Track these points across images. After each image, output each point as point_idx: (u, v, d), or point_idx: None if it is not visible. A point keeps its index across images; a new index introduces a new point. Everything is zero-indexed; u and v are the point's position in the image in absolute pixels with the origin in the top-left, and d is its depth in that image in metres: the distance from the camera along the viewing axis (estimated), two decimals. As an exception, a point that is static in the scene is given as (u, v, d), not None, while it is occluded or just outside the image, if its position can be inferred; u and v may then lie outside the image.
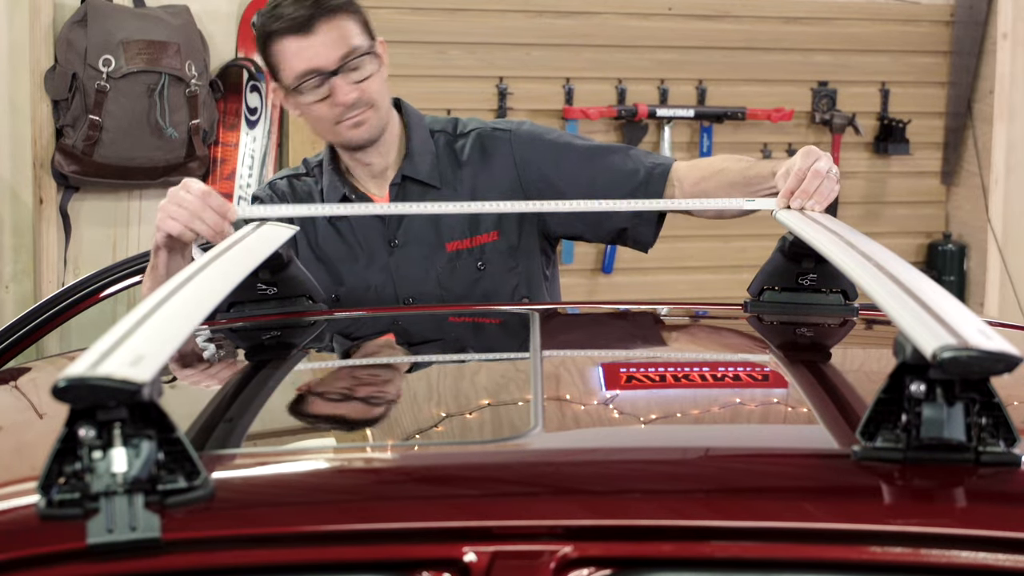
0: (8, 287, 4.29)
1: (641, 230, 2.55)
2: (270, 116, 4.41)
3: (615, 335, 2.21)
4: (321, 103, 2.45)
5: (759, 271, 2.10)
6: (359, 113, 2.46)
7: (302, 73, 2.43)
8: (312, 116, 2.49)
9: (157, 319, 1.38)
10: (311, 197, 2.58)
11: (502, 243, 2.53)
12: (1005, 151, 4.84)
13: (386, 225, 2.54)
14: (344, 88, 2.44)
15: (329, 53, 2.43)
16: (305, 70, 2.43)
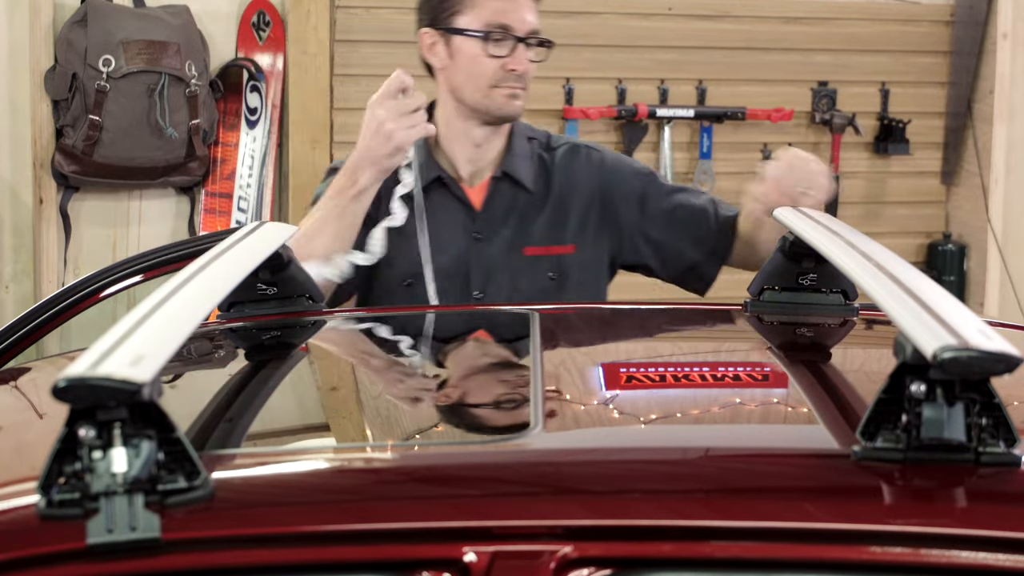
0: (8, 287, 4.29)
1: (708, 268, 2.63)
2: (270, 116, 4.41)
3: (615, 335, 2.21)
4: (491, 59, 2.50)
5: (759, 271, 2.10)
6: (519, 87, 2.52)
7: (496, 24, 2.50)
8: (473, 69, 2.52)
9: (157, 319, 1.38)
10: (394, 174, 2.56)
11: (576, 258, 2.57)
12: (1005, 151, 4.84)
13: (472, 218, 2.56)
14: (522, 57, 2.51)
15: (526, 20, 2.52)
16: (500, 23, 2.50)
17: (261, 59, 4.40)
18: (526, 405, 1.58)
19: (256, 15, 4.40)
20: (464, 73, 2.54)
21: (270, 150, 4.42)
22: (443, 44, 2.56)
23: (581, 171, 2.61)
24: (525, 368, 1.79)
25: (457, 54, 2.54)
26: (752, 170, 4.87)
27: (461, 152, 2.59)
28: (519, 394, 1.70)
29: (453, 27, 2.54)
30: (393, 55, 4.50)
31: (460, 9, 2.53)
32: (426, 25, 2.59)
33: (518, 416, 1.59)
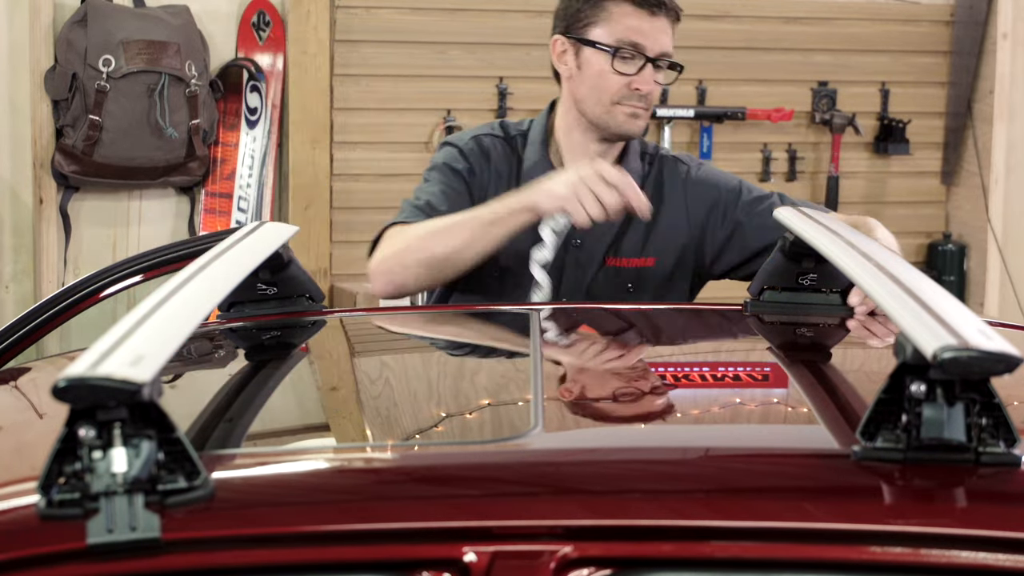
0: (8, 287, 4.29)
1: None
2: (270, 116, 4.41)
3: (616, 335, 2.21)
4: (618, 76, 2.48)
5: (760, 271, 2.10)
6: (641, 107, 2.51)
7: (628, 42, 2.48)
8: (598, 83, 2.50)
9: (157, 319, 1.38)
10: (507, 164, 2.58)
11: (656, 271, 2.56)
12: (1005, 151, 4.84)
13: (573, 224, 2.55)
14: (648, 78, 2.49)
15: (659, 41, 2.49)
16: (632, 41, 2.48)
17: (261, 59, 4.40)
18: (526, 405, 1.58)
19: (256, 15, 4.40)
20: (589, 85, 2.52)
21: (270, 150, 4.42)
22: (573, 53, 2.54)
23: (667, 184, 2.59)
24: (525, 368, 1.79)
25: (585, 65, 2.52)
26: (753, 170, 4.89)
27: (576, 161, 2.56)
28: (519, 394, 1.70)
29: (585, 38, 2.51)
30: (393, 55, 4.51)
31: (595, 21, 2.50)
32: (560, 32, 2.55)
33: (518, 416, 1.59)
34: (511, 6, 4.55)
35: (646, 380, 1.80)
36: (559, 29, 2.56)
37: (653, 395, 1.71)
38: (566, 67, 2.56)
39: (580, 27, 2.52)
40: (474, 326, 2.31)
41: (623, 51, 2.48)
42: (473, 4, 4.54)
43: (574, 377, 1.82)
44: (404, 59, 4.52)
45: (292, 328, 2.09)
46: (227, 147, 4.42)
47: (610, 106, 2.51)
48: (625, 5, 2.49)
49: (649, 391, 1.73)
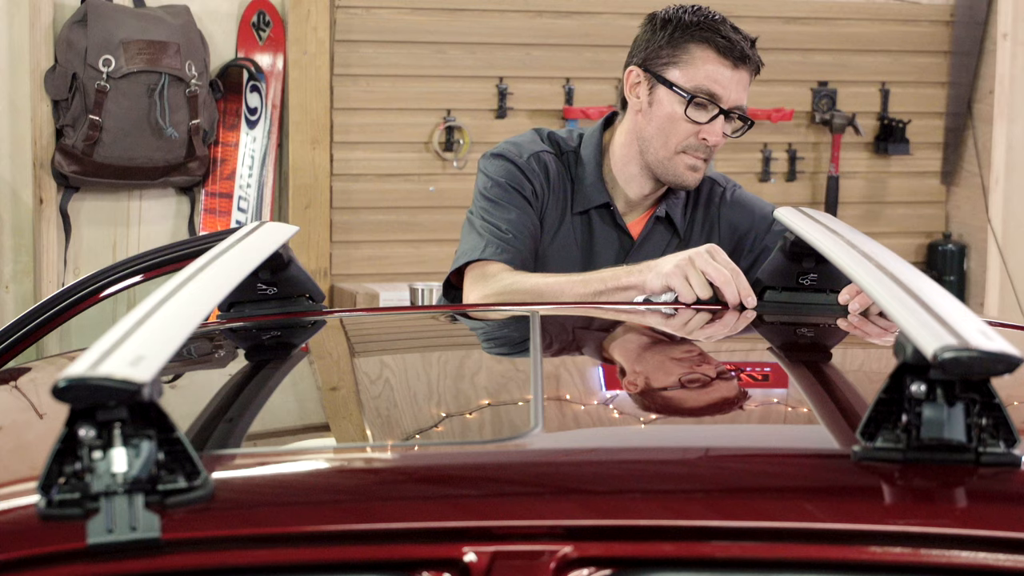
0: (8, 287, 4.29)
1: None
2: (270, 116, 4.41)
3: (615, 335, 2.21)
4: (687, 123, 2.46)
5: (760, 270, 2.10)
6: (703, 158, 2.49)
7: (707, 91, 2.45)
8: (667, 126, 2.47)
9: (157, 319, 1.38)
10: (562, 183, 2.56)
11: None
12: (1005, 151, 4.84)
13: (627, 250, 2.55)
14: (718, 129, 2.47)
15: (735, 95, 2.47)
16: (711, 91, 2.45)
17: (261, 59, 4.40)
18: (526, 405, 1.58)
19: (256, 15, 4.40)
20: (657, 125, 2.49)
21: (270, 150, 4.42)
22: (647, 88, 2.51)
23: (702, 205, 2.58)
24: (525, 368, 1.79)
25: (656, 104, 2.49)
26: (753, 170, 4.89)
27: (627, 191, 2.57)
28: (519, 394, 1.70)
29: (662, 76, 2.48)
30: (393, 55, 4.51)
31: (676, 62, 2.47)
32: (637, 64, 2.52)
33: (518, 416, 1.59)
34: (511, 6, 4.55)
35: (646, 380, 1.80)
36: (637, 60, 2.52)
37: (653, 395, 1.71)
38: (637, 100, 2.52)
39: (661, 64, 2.48)
40: (474, 326, 2.31)
41: (699, 99, 2.45)
42: (473, 4, 4.54)
43: (574, 377, 1.82)
44: (404, 59, 4.52)
45: (292, 328, 2.09)
46: (227, 147, 4.42)
47: (674, 154, 2.48)
48: (709, 51, 2.45)
49: (649, 391, 1.73)
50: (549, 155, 2.58)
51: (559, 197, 2.55)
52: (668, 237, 2.57)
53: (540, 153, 2.57)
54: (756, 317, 2.08)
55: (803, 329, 2.07)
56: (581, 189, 2.55)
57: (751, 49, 2.49)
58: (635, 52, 2.54)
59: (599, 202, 2.54)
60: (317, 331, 2.12)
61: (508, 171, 2.54)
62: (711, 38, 2.46)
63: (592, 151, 2.58)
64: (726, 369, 1.89)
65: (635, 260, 2.52)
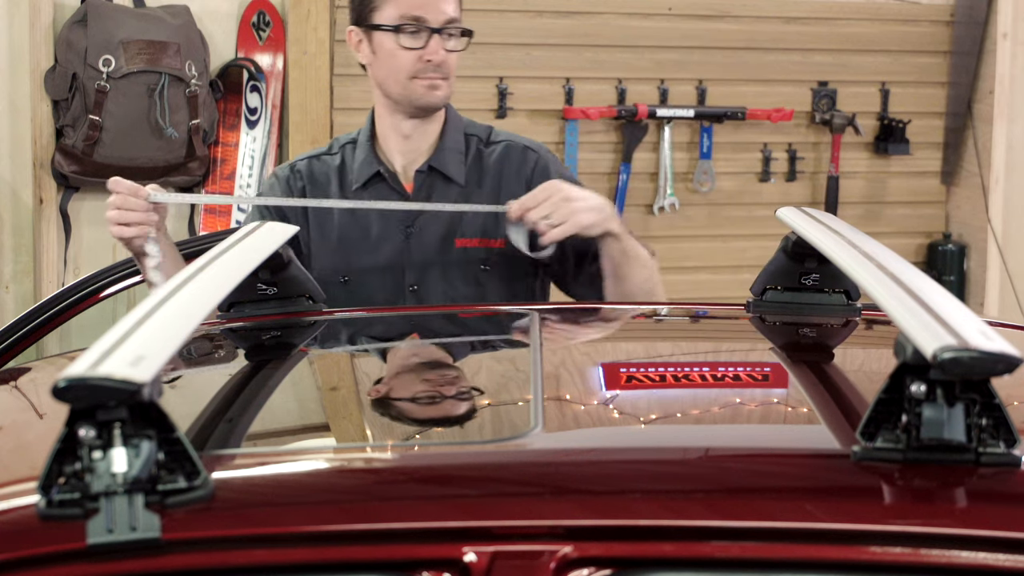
0: (8, 287, 4.29)
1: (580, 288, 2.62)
2: (270, 116, 4.41)
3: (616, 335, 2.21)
4: (408, 52, 2.55)
5: (762, 271, 2.10)
6: (438, 78, 2.58)
7: (410, 17, 2.55)
8: (391, 63, 2.57)
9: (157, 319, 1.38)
10: (326, 177, 2.65)
11: (506, 252, 2.57)
12: (1005, 151, 4.84)
13: (407, 212, 2.59)
14: (438, 48, 2.56)
15: (443, 10, 2.57)
16: (414, 16, 2.55)
17: (261, 59, 4.40)
18: (526, 405, 1.58)
19: (256, 15, 4.40)
20: (385, 67, 2.59)
21: (270, 150, 4.42)
22: (366, 41, 2.61)
23: (512, 168, 2.63)
24: (525, 368, 1.79)
25: (378, 49, 2.59)
26: (753, 170, 4.89)
27: (393, 145, 2.65)
28: (519, 394, 1.70)
29: (372, 23, 2.58)
30: (393, 55, 4.51)
31: (379, 5, 2.57)
32: (352, 23, 2.64)
33: (518, 416, 1.59)
34: (511, 6, 4.55)
35: (647, 380, 1.80)
36: (352, 20, 2.63)
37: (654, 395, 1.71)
38: (363, 55, 2.63)
39: (367, 13, 2.59)
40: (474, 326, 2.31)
41: (407, 27, 2.54)
42: (473, 4, 4.51)
43: (574, 377, 1.82)
44: (404, 59, 4.51)
45: (292, 328, 2.09)
46: (227, 147, 4.42)
47: (407, 81, 2.57)
48: None
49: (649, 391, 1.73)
50: (307, 160, 2.69)
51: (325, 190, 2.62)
52: (444, 187, 2.60)
53: (297, 162, 2.70)
54: (758, 317, 2.08)
55: (804, 329, 2.07)
56: (357, 168, 2.63)
57: None
58: (350, 16, 2.65)
59: (370, 174, 2.62)
60: (317, 331, 2.12)
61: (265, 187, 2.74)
62: None
63: (365, 134, 2.68)
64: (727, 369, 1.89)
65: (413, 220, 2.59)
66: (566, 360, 1.91)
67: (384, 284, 2.58)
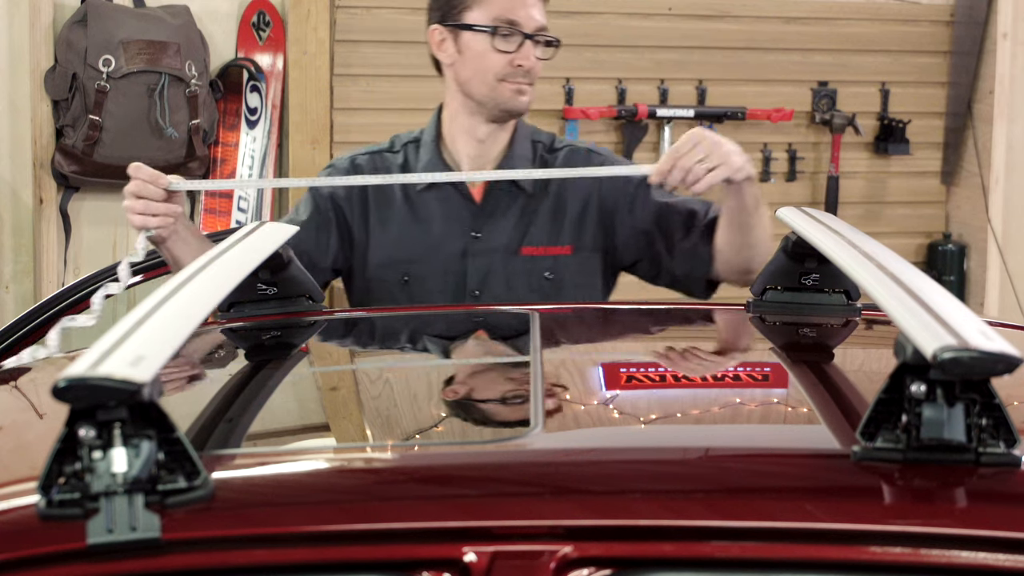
0: (8, 287, 4.29)
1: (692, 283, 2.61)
2: (270, 116, 4.41)
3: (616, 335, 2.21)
4: (499, 55, 2.54)
5: (762, 271, 2.10)
6: (525, 83, 2.56)
7: (505, 20, 2.54)
8: (480, 64, 2.55)
9: (157, 319, 1.38)
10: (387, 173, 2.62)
11: (573, 259, 2.58)
12: (1005, 151, 4.84)
13: (474, 217, 2.58)
14: (529, 53, 2.55)
15: (534, 17, 2.56)
16: (508, 19, 2.54)
17: (261, 59, 4.40)
18: (526, 405, 1.58)
19: (256, 15, 4.40)
20: (471, 68, 2.56)
21: (270, 150, 4.42)
22: (452, 40, 2.59)
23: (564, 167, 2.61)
24: (525, 368, 1.79)
25: (465, 50, 2.57)
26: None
27: (464, 148, 2.62)
28: (519, 394, 1.70)
29: (462, 23, 2.56)
30: (393, 55, 4.51)
31: (469, 5, 2.56)
32: (436, 22, 2.61)
33: (518, 416, 1.59)
34: (511, 6, 4.55)
35: (647, 380, 1.80)
36: (435, 19, 2.62)
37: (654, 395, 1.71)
38: (446, 55, 2.60)
39: (456, 13, 2.57)
40: (474, 326, 2.31)
41: (501, 30, 2.53)
42: (473, 4, 4.54)
43: (574, 377, 1.82)
44: (404, 59, 4.51)
45: (292, 328, 2.09)
46: (227, 147, 4.41)
47: (495, 83, 2.55)
48: None
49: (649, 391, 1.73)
50: (369, 155, 2.68)
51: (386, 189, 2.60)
52: (513, 194, 2.59)
53: (357, 157, 2.68)
54: (758, 317, 2.08)
55: (804, 329, 2.07)
56: (420, 170, 2.61)
57: None
58: (432, 14, 2.64)
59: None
60: (317, 331, 2.12)
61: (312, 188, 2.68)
62: None
63: (430, 134, 2.66)
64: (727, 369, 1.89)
65: (482, 226, 2.57)
66: (566, 360, 1.91)
67: (446, 288, 2.57)
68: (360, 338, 2.23)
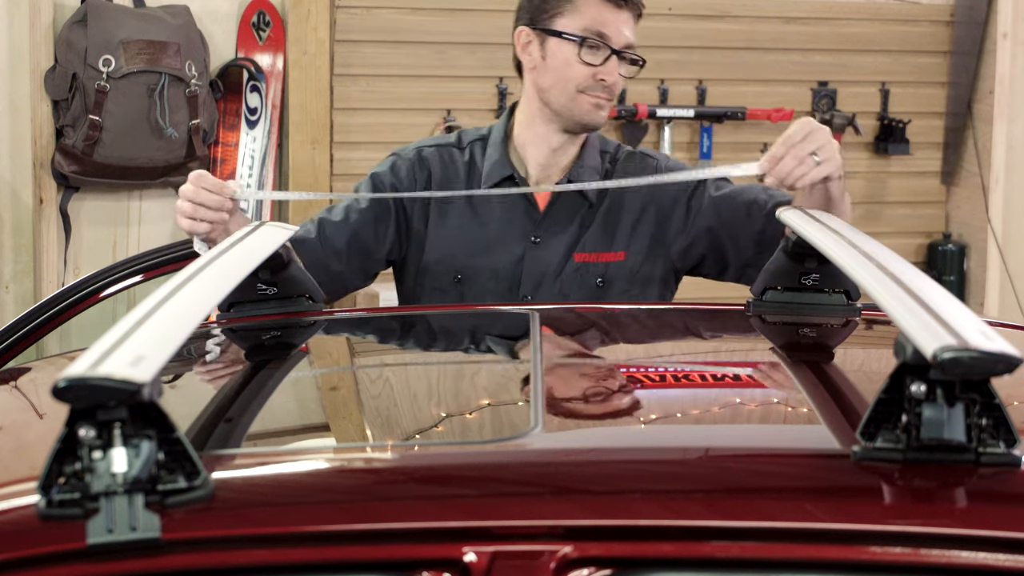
0: (8, 287, 4.29)
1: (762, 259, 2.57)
2: (270, 116, 4.41)
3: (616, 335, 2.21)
4: (583, 66, 2.51)
5: (762, 271, 2.10)
6: (605, 98, 2.53)
7: (595, 32, 2.50)
8: (563, 72, 2.52)
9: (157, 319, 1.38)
10: (455, 171, 2.61)
11: (625, 265, 2.56)
12: (1005, 151, 4.84)
13: (535, 224, 2.56)
14: (613, 69, 2.52)
15: (624, 33, 2.52)
16: (599, 31, 2.50)
17: (261, 59, 4.40)
18: (526, 405, 1.58)
19: (256, 15, 4.40)
20: (554, 75, 2.54)
21: (270, 150, 4.42)
22: (538, 44, 2.56)
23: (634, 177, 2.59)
24: (525, 368, 1.79)
25: (550, 56, 2.54)
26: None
27: (535, 154, 2.60)
28: (519, 394, 1.70)
29: (551, 28, 2.54)
30: (393, 55, 4.51)
31: (561, 11, 2.53)
32: (524, 24, 2.58)
33: (518, 416, 1.59)
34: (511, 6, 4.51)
35: (647, 380, 1.80)
36: (524, 21, 2.59)
37: (654, 395, 1.71)
38: (530, 58, 2.58)
39: (546, 18, 2.54)
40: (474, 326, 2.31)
41: (590, 40, 2.50)
42: (473, 4, 4.54)
43: (574, 377, 1.82)
44: (404, 59, 4.51)
45: (292, 328, 2.09)
46: (227, 147, 4.42)
47: (575, 94, 2.52)
48: None
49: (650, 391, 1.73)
50: (435, 148, 2.64)
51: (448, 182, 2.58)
52: (577, 204, 2.58)
53: (423, 147, 2.65)
54: (758, 317, 2.08)
55: (804, 329, 2.07)
56: (487, 169, 2.59)
57: None
58: (520, 15, 2.61)
59: (501, 176, 2.58)
60: (317, 331, 2.12)
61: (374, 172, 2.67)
62: None
63: (499, 134, 2.63)
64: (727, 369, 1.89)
65: (543, 232, 2.56)
66: (566, 360, 1.91)
67: (498, 289, 2.55)
68: (360, 338, 2.23)
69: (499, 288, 2.55)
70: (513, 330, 2.17)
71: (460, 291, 2.55)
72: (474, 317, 2.36)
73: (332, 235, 2.56)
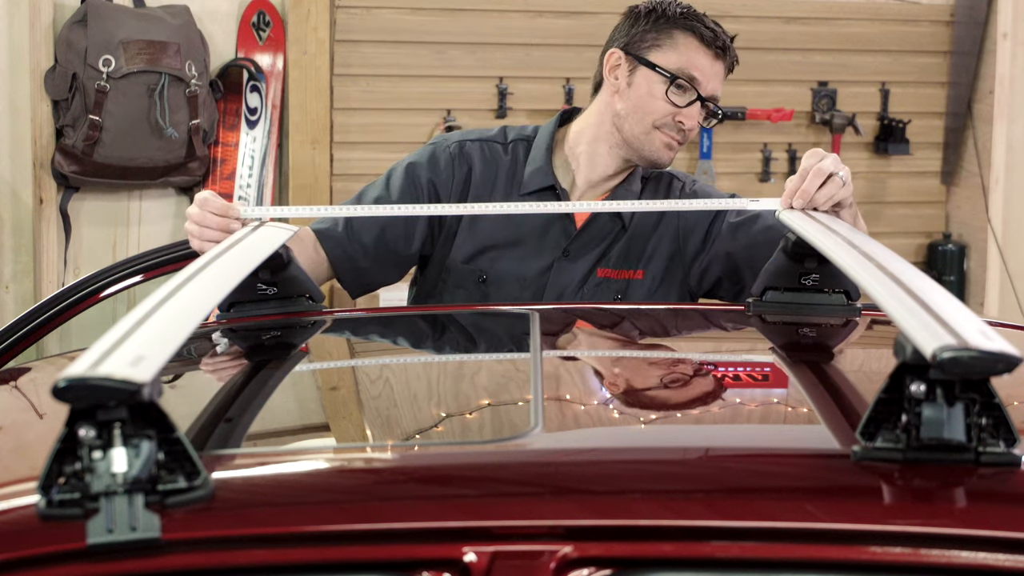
0: (8, 287, 4.29)
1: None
2: (270, 116, 4.41)
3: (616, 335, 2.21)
4: (666, 103, 2.51)
5: (762, 271, 2.10)
6: (678, 140, 2.54)
7: (688, 74, 2.51)
8: (645, 103, 2.52)
9: (157, 319, 1.38)
10: (495, 169, 2.59)
11: (644, 284, 2.57)
12: (1005, 151, 4.84)
13: (569, 239, 2.56)
14: (695, 115, 2.52)
15: (713, 83, 2.53)
16: (692, 75, 2.50)
17: (261, 59, 4.40)
18: (526, 405, 1.58)
19: (256, 15, 4.40)
20: (635, 104, 2.54)
21: (270, 150, 4.42)
22: (627, 69, 2.56)
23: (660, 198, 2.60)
24: (525, 368, 1.79)
25: (636, 84, 2.54)
26: (753, 170, 4.88)
27: (587, 172, 2.60)
28: (519, 394, 1.70)
29: (645, 58, 2.54)
30: (393, 55, 4.51)
31: (660, 45, 2.53)
32: (619, 47, 2.58)
33: (518, 416, 1.59)
34: (511, 6, 4.55)
35: (647, 380, 1.80)
36: (619, 44, 2.59)
37: (654, 395, 1.71)
38: (616, 81, 2.57)
39: (643, 47, 2.54)
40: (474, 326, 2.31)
41: (680, 81, 2.50)
42: (473, 4, 4.54)
43: (574, 377, 1.82)
44: (404, 59, 4.51)
45: (292, 328, 2.09)
46: (227, 147, 4.42)
47: (651, 129, 2.52)
48: (693, 39, 2.52)
49: (650, 391, 1.73)
50: (479, 142, 2.62)
51: (488, 180, 2.57)
52: (612, 225, 2.58)
53: (466, 141, 2.63)
54: (758, 317, 2.08)
55: (804, 329, 2.07)
56: (528, 173, 2.58)
57: (730, 44, 2.56)
58: (617, 36, 2.61)
59: (542, 185, 2.57)
60: (317, 331, 2.12)
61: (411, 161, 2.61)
62: (695, 27, 2.53)
63: (545, 140, 2.62)
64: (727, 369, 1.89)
65: (575, 248, 2.56)
66: (566, 360, 1.91)
67: (521, 296, 2.55)
68: (360, 339, 2.23)
69: (523, 295, 2.55)
70: (513, 330, 2.17)
71: (483, 292, 2.55)
72: (474, 317, 2.36)
73: (360, 229, 2.54)
